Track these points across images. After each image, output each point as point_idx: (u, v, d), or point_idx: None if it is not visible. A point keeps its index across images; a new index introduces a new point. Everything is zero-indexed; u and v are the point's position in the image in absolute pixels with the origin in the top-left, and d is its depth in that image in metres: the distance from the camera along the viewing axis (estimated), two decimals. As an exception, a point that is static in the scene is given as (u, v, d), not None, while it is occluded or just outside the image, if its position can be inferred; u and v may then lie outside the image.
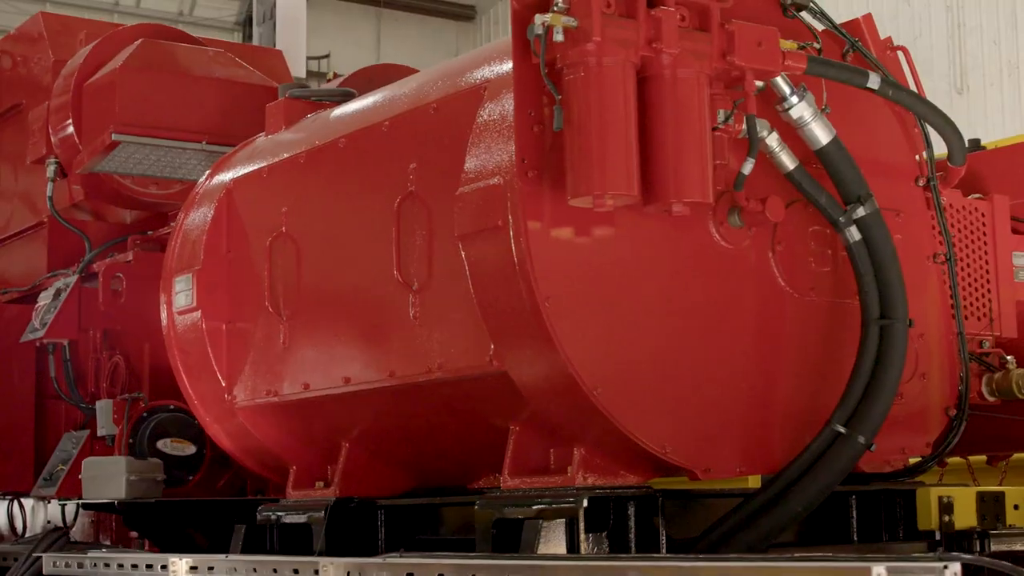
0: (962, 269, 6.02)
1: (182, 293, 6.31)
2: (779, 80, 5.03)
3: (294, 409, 6.00)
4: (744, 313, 5.11)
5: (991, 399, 5.95)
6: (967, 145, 6.64)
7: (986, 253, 6.12)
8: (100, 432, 7.55)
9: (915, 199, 5.61)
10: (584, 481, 4.95)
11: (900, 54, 5.81)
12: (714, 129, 4.84)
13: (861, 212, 5.11)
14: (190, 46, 8.18)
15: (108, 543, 8.11)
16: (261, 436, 6.28)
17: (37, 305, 8.20)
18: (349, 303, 5.67)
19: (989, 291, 6.09)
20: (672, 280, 4.94)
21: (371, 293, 5.52)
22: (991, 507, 5.56)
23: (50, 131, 8.23)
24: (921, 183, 5.63)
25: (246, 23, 30.30)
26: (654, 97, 4.69)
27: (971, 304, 6.02)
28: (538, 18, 4.54)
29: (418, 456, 5.94)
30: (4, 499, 9.15)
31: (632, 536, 4.96)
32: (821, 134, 5.11)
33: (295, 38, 13.44)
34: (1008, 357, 5.96)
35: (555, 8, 4.57)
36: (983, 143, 7.38)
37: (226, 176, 6.45)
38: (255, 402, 6.12)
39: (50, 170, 8.33)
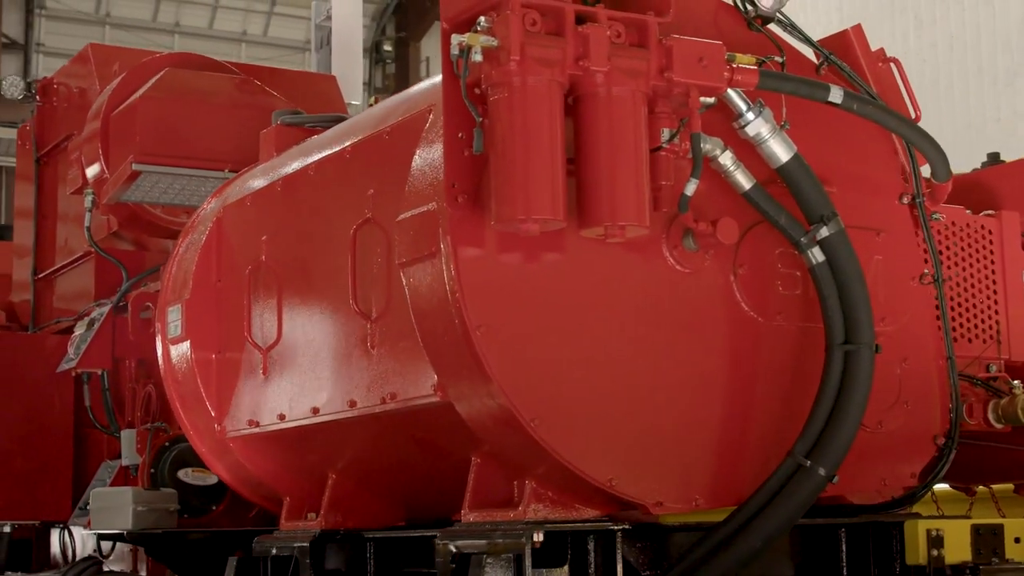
0: (965, 290, 5.76)
1: (173, 323, 6.27)
2: (734, 96, 4.83)
3: (276, 440, 5.93)
4: (703, 339, 4.89)
5: (998, 426, 5.65)
6: (987, 159, 6.38)
7: (993, 272, 5.83)
8: (124, 462, 7.56)
9: (900, 217, 5.35)
10: (536, 515, 4.79)
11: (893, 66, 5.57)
12: (657, 149, 4.65)
13: (824, 232, 4.87)
14: (215, 74, 8.17)
15: (144, 573, 8.11)
16: (252, 467, 6.22)
17: (73, 335, 8.24)
18: (318, 333, 5.56)
19: (996, 312, 5.80)
20: (620, 306, 4.75)
21: (336, 322, 5.42)
22: (988, 540, 5.28)
23: (83, 162, 8.27)
24: (906, 200, 5.36)
25: (373, 48, 30.61)
26: (587, 116, 4.52)
27: (976, 326, 5.74)
28: (455, 38, 4.40)
29: (404, 487, 5.83)
30: (58, 527, 9.21)
31: (592, 572, 4.78)
32: (780, 151, 4.89)
33: (351, 64, 13.42)
34: (1015, 382, 5.65)
35: (477, 28, 4.43)
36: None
37: (218, 204, 6.40)
38: (241, 433, 6.04)
39: (87, 201, 8.38)
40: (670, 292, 4.85)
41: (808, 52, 5.38)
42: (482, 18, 4.44)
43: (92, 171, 8.24)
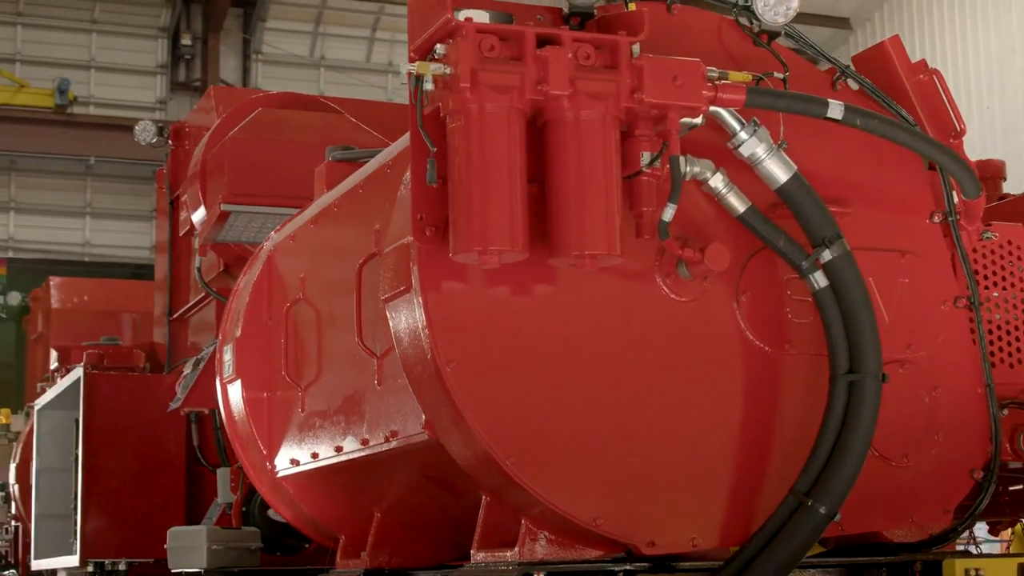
0: (1024, 312, 5.39)
1: (227, 362, 6.27)
2: (726, 115, 4.60)
3: (317, 478, 5.88)
4: (703, 370, 4.67)
5: (1052, 458, 5.28)
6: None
7: (1056, 293, 5.44)
8: (219, 500, 7.60)
9: (930, 237, 5.04)
10: (532, 555, 4.63)
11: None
12: (637, 173, 4.46)
13: (827, 256, 4.61)
14: (306, 113, 8.19)
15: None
16: (305, 505, 6.19)
17: (181, 375, 8.35)
18: (342, 371, 5.50)
19: (1056, 337, 5.41)
20: (607, 338, 4.56)
21: (353, 360, 5.34)
22: (1039, 580, 4.92)
23: (187, 203, 8.39)
24: (938, 219, 5.05)
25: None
26: (554, 141, 4.36)
27: (1034, 352, 5.37)
28: (403, 67, 4.29)
29: (447, 525, 5.70)
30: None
31: (600, 614, 4.61)
32: (778, 172, 4.64)
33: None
34: (1081, 411, 5.27)
35: (434, 55, 4.32)
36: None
37: (272, 242, 6.39)
38: (287, 472, 6.01)
39: (196, 241, 8.48)
40: (665, 322, 4.64)
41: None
42: (438, 45, 4.32)
43: (197, 213, 8.34)
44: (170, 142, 9.93)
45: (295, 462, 5.89)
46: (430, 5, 4.37)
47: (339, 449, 5.44)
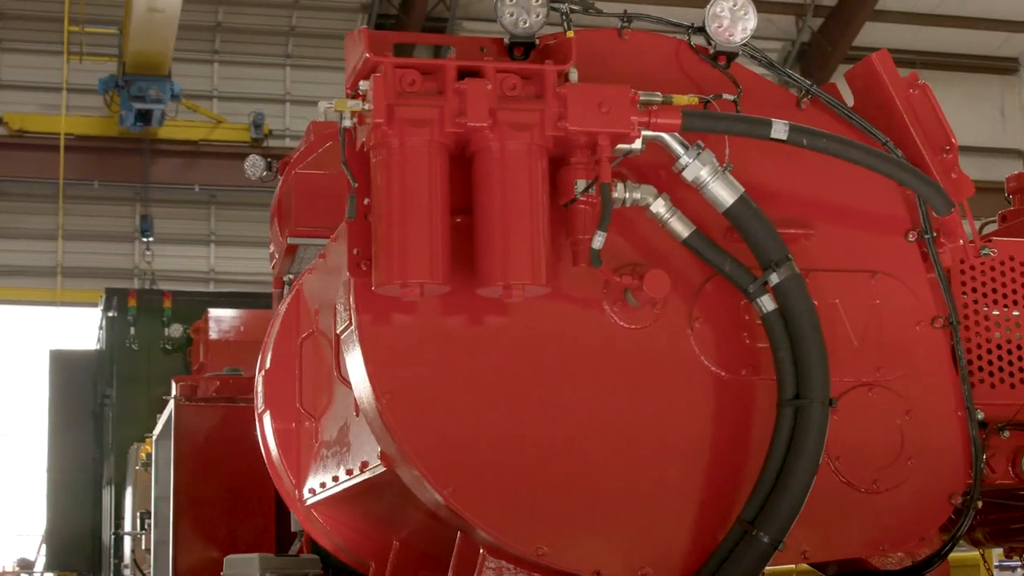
0: (1027, 333, 5.19)
1: (259, 394, 6.40)
2: (668, 139, 4.55)
3: (332, 506, 5.96)
4: (654, 398, 4.62)
5: (1041, 481, 5.09)
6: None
7: (1055, 311, 5.23)
8: (293, 527, 7.72)
9: (905, 256, 4.90)
10: (487, 584, 4.64)
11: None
12: (572, 201, 4.44)
13: (775, 279, 4.52)
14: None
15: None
16: (334, 533, 6.27)
17: (266, 402, 8.50)
18: (339, 402, 5.57)
19: (1063, 355, 5.20)
20: (551, 367, 4.54)
21: (343, 392, 5.41)
22: (1026, 609, 4.75)
23: (271, 236, 8.56)
24: (913, 238, 4.91)
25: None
26: (479, 172, 4.38)
27: (1024, 373, 5.17)
28: (321, 104, 4.37)
29: (462, 553, 5.74)
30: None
31: (556, 648, 4.60)
32: (724, 194, 4.56)
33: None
34: (1084, 431, 5.06)
35: (357, 91, 4.38)
36: None
37: (305, 275, 6.51)
38: (309, 500, 6.11)
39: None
40: (614, 349, 4.60)
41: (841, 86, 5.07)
42: (362, 82, 4.38)
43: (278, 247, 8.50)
44: (279, 176, 10.10)
45: (312, 492, 5.99)
46: (354, 44, 4.44)
47: (335, 479, 5.52)
